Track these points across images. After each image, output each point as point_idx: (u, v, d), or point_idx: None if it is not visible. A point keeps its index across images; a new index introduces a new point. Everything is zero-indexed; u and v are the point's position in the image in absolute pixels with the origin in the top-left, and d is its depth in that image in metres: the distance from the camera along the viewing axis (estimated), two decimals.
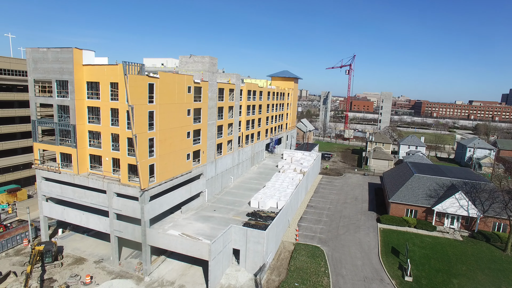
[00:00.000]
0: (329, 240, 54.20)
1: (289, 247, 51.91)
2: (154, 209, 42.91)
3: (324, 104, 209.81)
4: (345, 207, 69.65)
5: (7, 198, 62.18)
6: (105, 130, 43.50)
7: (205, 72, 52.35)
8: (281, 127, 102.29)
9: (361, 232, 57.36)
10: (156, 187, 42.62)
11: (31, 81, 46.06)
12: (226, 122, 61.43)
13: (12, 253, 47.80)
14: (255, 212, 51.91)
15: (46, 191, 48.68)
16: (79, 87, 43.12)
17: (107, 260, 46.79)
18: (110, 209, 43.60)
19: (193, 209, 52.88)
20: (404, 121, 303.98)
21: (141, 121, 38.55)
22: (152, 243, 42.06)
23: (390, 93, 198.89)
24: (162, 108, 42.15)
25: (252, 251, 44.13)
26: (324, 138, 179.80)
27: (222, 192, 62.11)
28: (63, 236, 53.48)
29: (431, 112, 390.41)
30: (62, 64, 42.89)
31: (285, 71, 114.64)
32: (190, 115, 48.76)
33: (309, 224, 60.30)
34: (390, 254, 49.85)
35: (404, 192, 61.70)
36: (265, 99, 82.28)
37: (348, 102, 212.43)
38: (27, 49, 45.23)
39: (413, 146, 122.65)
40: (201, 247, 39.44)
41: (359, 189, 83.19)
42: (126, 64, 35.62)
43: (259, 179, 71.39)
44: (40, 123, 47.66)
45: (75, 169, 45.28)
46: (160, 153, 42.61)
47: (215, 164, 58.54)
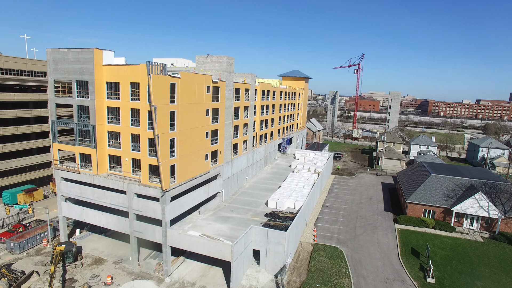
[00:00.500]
0: (348, 241, 53.74)
1: (308, 247, 51.55)
2: (175, 209, 42.77)
3: (332, 103, 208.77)
4: (360, 207, 69.11)
5: (24, 198, 62.50)
6: (125, 130, 43.43)
7: (222, 72, 52.12)
8: (292, 127, 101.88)
9: (379, 233, 56.82)
10: (176, 187, 42.48)
11: (51, 82, 46.15)
12: (241, 122, 61.18)
13: (32, 253, 47.95)
14: (274, 213, 51.60)
15: (65, 191, 48.77)
16: (99, 88, 43.11)
17: (126, 260, 46.77)
18: (130, 210, 43.53)
19: (210, 210, 52.70)
20: (411, 121, 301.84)
21: (163, 121, 38.41)
22: (173, 244, 41.92)
23: (399, 92, 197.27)
24: (182, 108, 41.99)
25: (273, 252, 43.85)
26: (332, 138, 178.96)
27: (238, 192, 61.88)
28: (80, 236, 53.58)
29: (438, 111, 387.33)
30: (83, 65, 42.91)
31: (296, 71, 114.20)
32: (209, 115, 48.57)
33: (326, 224, 59.86)
34: (410, 255, 49.28)
35: (421, 192, 61.03)
36: (277, 99, 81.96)
37: (356, 102, 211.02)
38: (47, 50, 45.31)
39: (424, 146, 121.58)
40: (223, 248, 39.22)
41: (373, 189, 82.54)
42: (149, 64, 35.46)
43: (273, 179, 71.07)
44: (59, 123, 47.73)
45: (94, 169, 45.28)
46: (180, 154, 42.46)
47: (231, 164, 58.34)
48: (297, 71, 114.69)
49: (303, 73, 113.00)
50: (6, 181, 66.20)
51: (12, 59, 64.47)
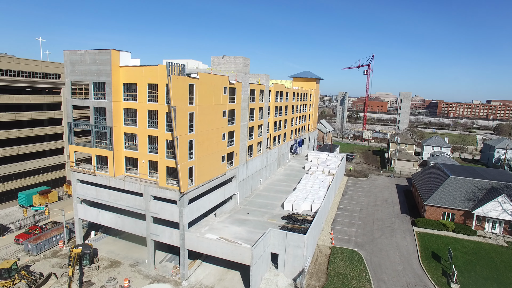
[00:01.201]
0: (366, 244, 52.67)
1: (325, 251, 50.63)
2: (192, 212, 42.24)
3: (341, 104, 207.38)
4: (376, 209, 67.92)
5: (39, 200, 62.63)
6: (142, 132, 43.07)
7: (238, 72, 51.56)
8: (303, 128, 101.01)
9: (397, 236, 55.62)
10: (194, 190, 41.94)
11: (68, 84, 46.02)
12: (256, 124, 60.55)
13: (49, 255, 47.82)
14: (291, 215, 50.80)
15: (81, 193, 48.56)
16: (116, 89, 42.84)
17: (142, 263, 46.34)
18: (147, 213, 43.10)
19: (226, 212, 52.10)
20: (420, 121, 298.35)
21: (182, 123, 37.92)
22: (190, 247, 41.36)
23: (409, 93, 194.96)
24: (201, 109, 41.49)
25: (292, 256, 43.04)
26: (342, 139, 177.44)
27: (253, 194, 61.20)
28: (95, 238, 53.37)
29: (447, 112, 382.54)
30: (100, 66, 42.68)
31: (307, 72, 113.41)
32: (225, 116, 48.03)
33: (343, 227, 58.84)
34: (431, 259, 48.05)
35: (439, 194, 59.67)
36: (290, 100, 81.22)
37: (366, 103, 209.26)
38: (64, 51, 45.20)
39: (437, 147, 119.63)
40: (242, 252, 38.53)
41: (388, 191, 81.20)
42: (169, 64, 35.02)
43: (287, 181, 70.27)
44: (76, 125, 47.60)
45: (111, 171, 44.97)
46: (198, 155, 41.94)
47: (246, 166, 57.71)
48: (308, 72, 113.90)
49: (314, 74, 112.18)
50: (21, 183, 66.45)
51: (28, 62, 64.78)
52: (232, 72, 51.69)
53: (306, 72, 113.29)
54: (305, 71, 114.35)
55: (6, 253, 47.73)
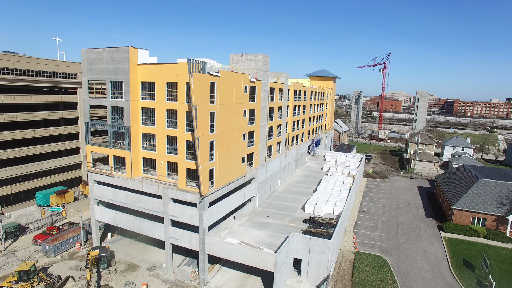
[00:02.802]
0: (391, 249, 50.25)
1: (349, 256, 48.46)
2: (212, 215, 40.70)
3: (356, 104, 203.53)
4: (399, 213, 65.22)
5: (56, 200, 62.22)
6: (160, 132, 41.75)
7: (258, 71, 49.82)
8: (320, 128, 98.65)
9: (424, 241, 52.97)
10: (214, 192, 40.39)
11: (85, 83, 45.09)
12: (275, 123, 58.71)
13: (67, 256, 47.04)
14: (313, 219, 48.79)
15: (98, 194, 47.61)
16: (133, 88, 41.63)
17: (160, 267, 45.08)
18: (165, 215, 41.76)
19: (245, 215, 50.45)
20: (437, 121, 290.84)
21: (203, 123, 36.39)
22: (211, 252, 39.83)
23: (427, 92, 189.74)
24: (222, 108, 39.90)
25: (316, 261, 41.07)
26: (358, 139, 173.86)
27: (272, 196, 59.39)
28: (112, 240, 52.44)
29: (464, 111, 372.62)
30: (117, 64, 41.53)
31: (323, 70, 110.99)
32: (246, 116, 46.36)
33: (366, 231, 56.49)
34: (463, 268, 45.34)
35: (469, 198, 56.67)
36: (308, 99, 79.06)
37: (382, 102, 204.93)
38: (82, 50, 44.27)
39: (459, 148, 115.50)
40: (265, 258, 36.78)
41: (410, 193, 78.23)
42: (191, 61, 33.49)
43: (306, 182, 68.21)
44: (93, 125, 46.65)
45: (128, 173, 43.82)
46: (219, 157, 40.36)
47: (265, 167, 55.94)
48: (324, 70, 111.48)
49: (331, 73, 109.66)
50: (39, 183, 66.24)
51: (46, 61, 64.43)
52: (251, 70, 50.00)
53: (322, 70, 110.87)
54: (322, 69, 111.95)
55: (25, 253, 47.23)
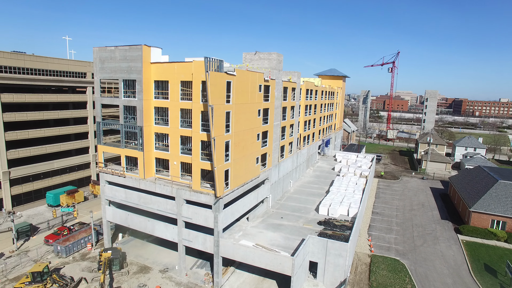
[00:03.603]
0: (408, 252, 49.05)
1: (365, 259, 47.37)
2: (227, 217, 39.86)
3: (364, 103, 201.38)
4: (414, 214, 63.90)
5: (66, 200, 61.82)
6: (174, 132, 40.99)
7: (272, 69, 48.84)
8: (330, 128, 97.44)
9: (441, 244, 51.69)
10: (229, 194, 39.53)
11: (97, 81, 44.46)
12: (288, 123, 57.72)
13: (78, 257, 46.50)
14: (328, 221, 47.73)
15: (109, 195, 46.99)
16: (147, 87, 40.91)
17: (173, 269, 44.35)
18: (179, 217, 40.97)
19: (259, 217, 49.56)
20: (445, 121, 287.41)
21: (219, 123, 35.51)
22: (225, 255, 38.97)
23: (436, 91, 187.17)
24: (237, 108, 39.00)
25: (332, 265, 40.05)
26: (366, 139, 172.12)
27: (284, 197, 58.41)
28: (123, 241, 51.86)
29: (473, 111, 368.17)
30: (130, 63, 40.82)
31: (333, 69, 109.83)
32: (260, 115, 45.42)
33: (380, 233, 55.32)
34: (485, 273, 44.00)
35: (487, 200, 55.21)
36: (319, 99, 77.97)
37: (390, 101, 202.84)
38: (94, 48, 43.63)
39: (471, 148, 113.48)
40: (283, 261, 35.85)
41: (423, 195, 76.79)
42: (208, 60, 32.61)
43: (318, 183, 67.13)
44: (105, 124, 46.01)
45: (141, 173, 43.11)
46: (234, 157, 39.48)
47: (278, 168, 54.99)
48: (334, 69, 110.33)
49: (340, 72, 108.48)
50: (49, 182, 65.96)
51: (56, 61, 64.06)
52: (265, 69, 49.03)
53: (332, 70, 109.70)
54: (331, 68, 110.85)
55: (37, 254, 46.81)
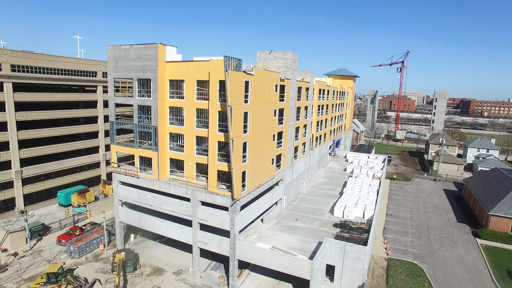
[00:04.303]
0: (425, 256, 47.97)
1: (381, 262, 46.38)
2: (243, 219, 39.14)
3: (372, 103, 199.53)
4: (429, 217, 62.69)
5: (77, 199, 61.50)
6: (189, 132, 40.34)
7: (287, 69, 47.98)
8: (340, 128, 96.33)
9: (459, 248, 50.51)
10: (245, 196, 38.78)
11: (111, 81, 43.95)
12: (302, 124, 56.86)
13: (91, 258, 46.07)
14: (344, 223, 46.83)
15: (122, 195, 46.51)
16: (162, 86, 40.30)
17: (186, 271, 43.74)
18: (193, 219, 40.32)
19: (273, 218, 48.79)
20: (453, 121, 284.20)
21: (237, 123, 34.77)
22: (242, 257, 38.25)
23: (446, 91, 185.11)
24: (254, 108, 38.23)
25: (350, 268, 39.18)
26: (374, 139, 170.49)
27: (297, 198, 57.57)
28: (135, 242, 51.35)
29: (481, 111, 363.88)
30: (145, 62, 40.24)
31: (343, 69, 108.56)
32: (276, 116, 44.62)
33: (396, 236, 54.27)
34: (508, 279, 42.76)
35: (507, 203, 53.89)
36: (331, 99, 76.96)
37: (399, 102, 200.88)
38: (108, 47, 43.12)
39: (484, 149, 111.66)
40: (301, 265, 35.06)
41: (436, 197, 75.47)
42: (227, 59, 31.86)
43: (330, 184, 66.17)
44: (118, 124, 45.46)
45: (155, 174, 42.53)
46: (251, 159, 38.71)
47: (292, 169, 54.16)
48: (344, 69, 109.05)
49: (351, 72, 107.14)
50: (60, 181, 65.74)
51: (68, 59, 63.74)
52: (280, 68, 48.18)
53: (342, 69, 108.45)
54: (341, 68, 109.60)
55: (50, 253, 46.49)
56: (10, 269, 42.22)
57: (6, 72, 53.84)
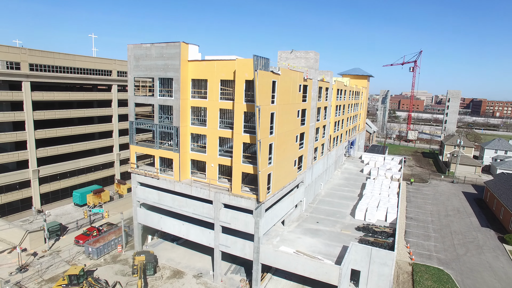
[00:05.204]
0: (451, 262, 46.57)
1: (405, 267, 45.12)
2: (267, 223, 38.21)
3: (383, 103, 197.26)
4: (451, 220, 61.11)
5: (93, 199, 61.14)
6: (212, 133, 39.46)
7: (309, 69, 46.89)
8: (355, 129, 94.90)
9: (486, 254, 48.98)
10: (270, 198, 37.83)
11: (131, 80, 43.26)
12: (321, 124, 55.75)
13: (109, 260, 45.52)
14: (367, 227, 45.64)
15: (141, 197, 45.83)
16: (184, 85, 39.47)
17: (207, 274, 42.96)
18: (216, 222, 39.47)
19: (294, 221, 47.78)
20: (464, 122, 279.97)
21: (265, 124, 33.81)
22: (266, 262, 37.33)
23: (459, 91, 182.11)
24: (280, 109, 37.24)
25: (376, 274, 38.01)
26: (386, 140, 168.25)
27: (316, 200, 56.47)
28: (152, 243, 50.72)
29: (493, 111, 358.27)
30: (167, 61, 39.44)
31: (357, 69, 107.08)
32: (299, 116, 43.59)
33: (418, 240, 52.88)
34: None
35: None
36: (347, 99, 75.66)
37: (411, 102, 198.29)
38: (128, 45, 42.42)
39: (501, 151, 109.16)
40: (329, 270, 34.02)
41: (456, 200, 73.73)
42: (256, 58, 30.90)
43: (348, 185, 64.93)
44: (138, 123, 44.76)
45: (176, 175, 41.73)
46: (276, 160, 37.74)
47: (311, 170, 53.07)
48: (358, 68, 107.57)
49: (365, 71, 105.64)
50: (75, 181, 65.46)
51: (83, 58, 63.36)
52: (302, 68, 47.10)
53: (356, 69, 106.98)
54: (355, 68, 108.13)
55: (69, 254, 46.07)
56: (31, 269, 41.86)
57: (24, 71, 53.57)
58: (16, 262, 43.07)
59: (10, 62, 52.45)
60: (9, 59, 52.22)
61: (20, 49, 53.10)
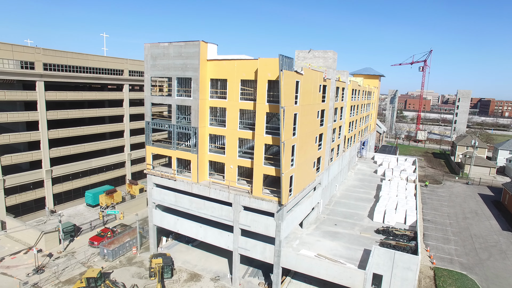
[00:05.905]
0: (474, 267, 45.43)
1: (427, 272, 44.08)
2: (288, 226, 37.41)
3: (391, 103, 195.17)
4: (469, 223, 59.87)
5: (105, 200, 60.67)
6: (231, 134, 38.67)
7: (328, 68, 45.95)
8: (367, 129, 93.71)
9: (511, 260, 47.70)
10: (291, 201, 36.99)
11: (147, 79, 42.61)
12: (338, 125, 54.80)
13: (125, 262, 44.98)
14: (387, 229, 44.63)
15: (157, 198, 45.18)
16: (203, 85, 38.73)
17: (224, 277, 42.24)
18: (235, 224, 38.70)
19: (311, 223, 46.91)
20: (473, 122, 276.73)
21: (288, 125, 32.99)
22: (287, 265, 36.52)
23: (469, 91, 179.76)
24: (302, 110, 36.38)
25: (400, 279, 36.90)
26: (395, 140, 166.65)
27: (332, 202, 55.53)
28: (167, 245, 50.08)
29: (502, 111, 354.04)
30: (186, 60, 38.71)
31: (368, 68, 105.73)
32: (319, 117, 42.71)
33: (437, 243, 51.77)
34: None
35: None
36: (361, 99, 74.53)
37: (421, 102, 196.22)
38: (145, 44, 41.76)
39: None
40: (353, 275, 33.17)
41: (473, 202, 72.37)
42: (282, 57, 30.06)
43: (363, 187, 63.91)
44: (154, 124, 44.11)
45: (194, 177, 41.00)
46: (297, 162, 36.90)
47: (328, 172, 52.15)
48: (369, 68, 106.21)
49: (376, 71, 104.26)
50: (87, 181, 65.08)
51: (96, 58, 62.90)
52: (320, 67, 46.19)
53: (367, 68, 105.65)
54: (366, 67, 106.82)
55: (84, 256, 45.62)
56: (47, 271, 41.45)
57: (38, 71, 53.20)
58: (32, 263, 42.73)
59: (24, 62, 52.11)
60: (24, 58, 51.87)
61: (34, 49, 52.72)
